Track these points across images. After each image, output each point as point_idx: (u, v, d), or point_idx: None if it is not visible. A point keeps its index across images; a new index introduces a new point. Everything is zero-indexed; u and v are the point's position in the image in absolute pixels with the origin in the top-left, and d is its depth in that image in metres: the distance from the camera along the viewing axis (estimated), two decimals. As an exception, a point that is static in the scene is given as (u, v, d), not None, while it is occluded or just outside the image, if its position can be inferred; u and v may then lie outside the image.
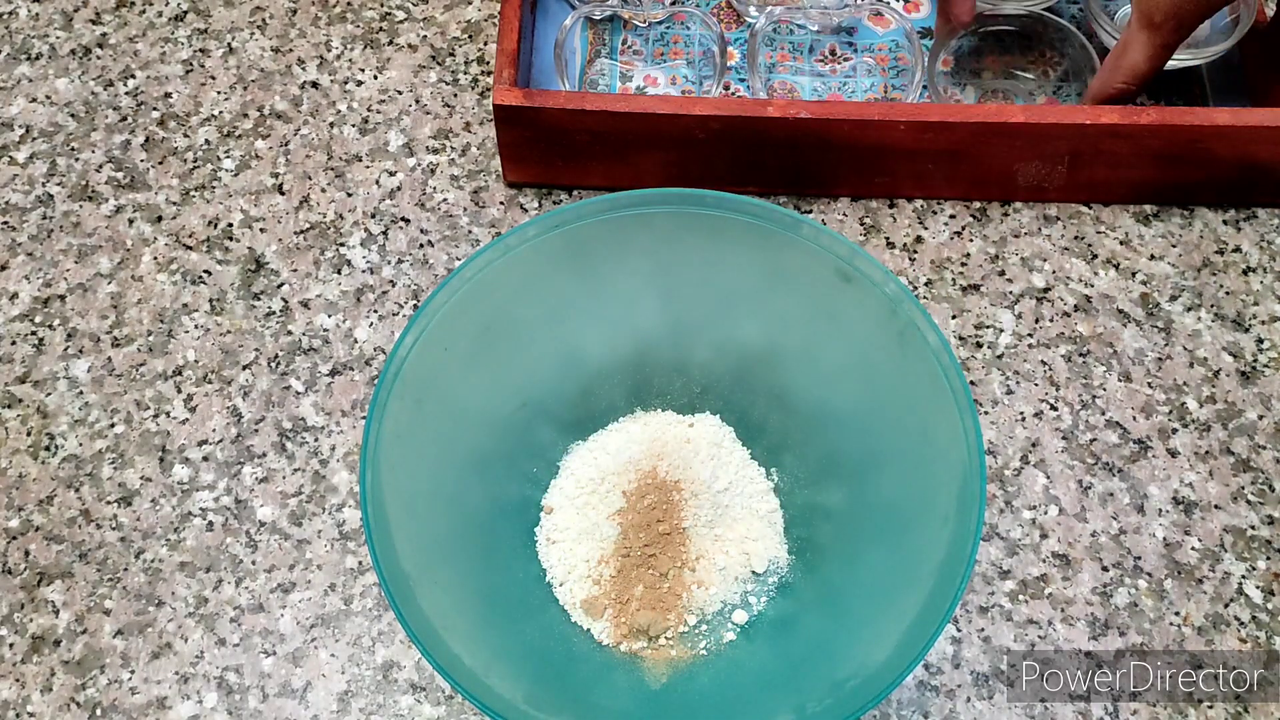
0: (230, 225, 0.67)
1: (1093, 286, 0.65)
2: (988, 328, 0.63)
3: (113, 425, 0.61)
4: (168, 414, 0.61)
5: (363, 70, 0.72)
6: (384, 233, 0.66)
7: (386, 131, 0.70)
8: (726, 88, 0.71)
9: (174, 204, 0.67)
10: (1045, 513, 0.58)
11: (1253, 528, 0.58)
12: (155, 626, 0.56)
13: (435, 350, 0.49)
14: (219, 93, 0.71)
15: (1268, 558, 0.57)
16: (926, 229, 0.66)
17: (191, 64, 0.72)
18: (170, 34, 0.73)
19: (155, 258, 0.66)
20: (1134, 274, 0.65)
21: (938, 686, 0.54)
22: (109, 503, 0.59)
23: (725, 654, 0.52)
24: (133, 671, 0.55)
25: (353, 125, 0.70)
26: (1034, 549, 0.57)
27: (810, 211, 0.67)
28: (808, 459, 0.56)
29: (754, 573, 0.54)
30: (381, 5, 0.75)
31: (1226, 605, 0.56)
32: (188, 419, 0.61)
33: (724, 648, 0.53)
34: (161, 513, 0.59)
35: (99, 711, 0.54)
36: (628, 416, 0.58)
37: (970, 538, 0.44)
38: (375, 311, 0.64)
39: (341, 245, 0.66)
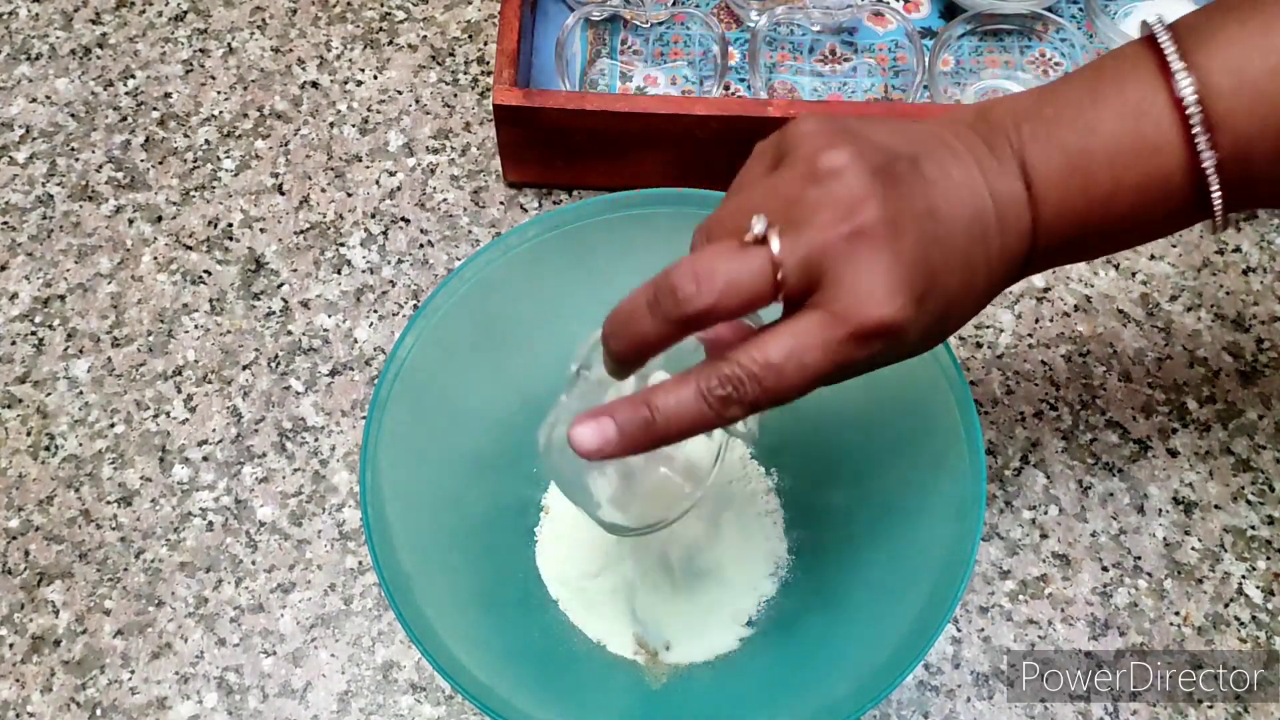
0: (230, 225, 0.67)
1: (1093, 286, 0.65)
2: (988, 328, 0.63)
3: (113, 425, 0.61)
4: (168, 414, 0.61)
5: (363, 70, 0.72)
6: (384, 233, 0.66)
7: (386, 131, 0.70)
8: (727, 88, 0.71)
9: (174, 204, 0.67)
10: (1045, 513, 0.58)
11: (1253, 528, 0.58)
12: (155, 626, 0.56)
13: (435, 350, 0.49)
14: (219, 93, 0.71)
15: (1268, 558, 0.57)
16: (926, 229, 0.66)
17: (191, 64, 0.72)
18: (170, 34, 0.73)
19: (155, 258, 0.66)
20: (1134, 274, 0.65)
21: (938, 686, 0.54)
22: (109, 503, 0.59)
23: (725, 654, 0.52)
24: (133, 671, 0.55)
25: (353, 125, 0.70)
26: (1034, 549, 0.57)
27: (810, 211, 0.67)
28: (808, 459, 0.56)
29: (755, 573, 0.54)
30: (381, 5, 0.75)
31: (1226, 605, 0.56)
32: (188, 419, 0.61)
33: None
34: (161, 513, 0.59)
35: (99, 711, 0.54)
36: (628, 416, 0.58)
37: (970, 538, 0.44)
38: (375, 311, 0.64)
39: (341, 245, 0.66)
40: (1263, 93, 0.36)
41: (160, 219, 0.67)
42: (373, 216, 0.67)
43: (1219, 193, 0.37)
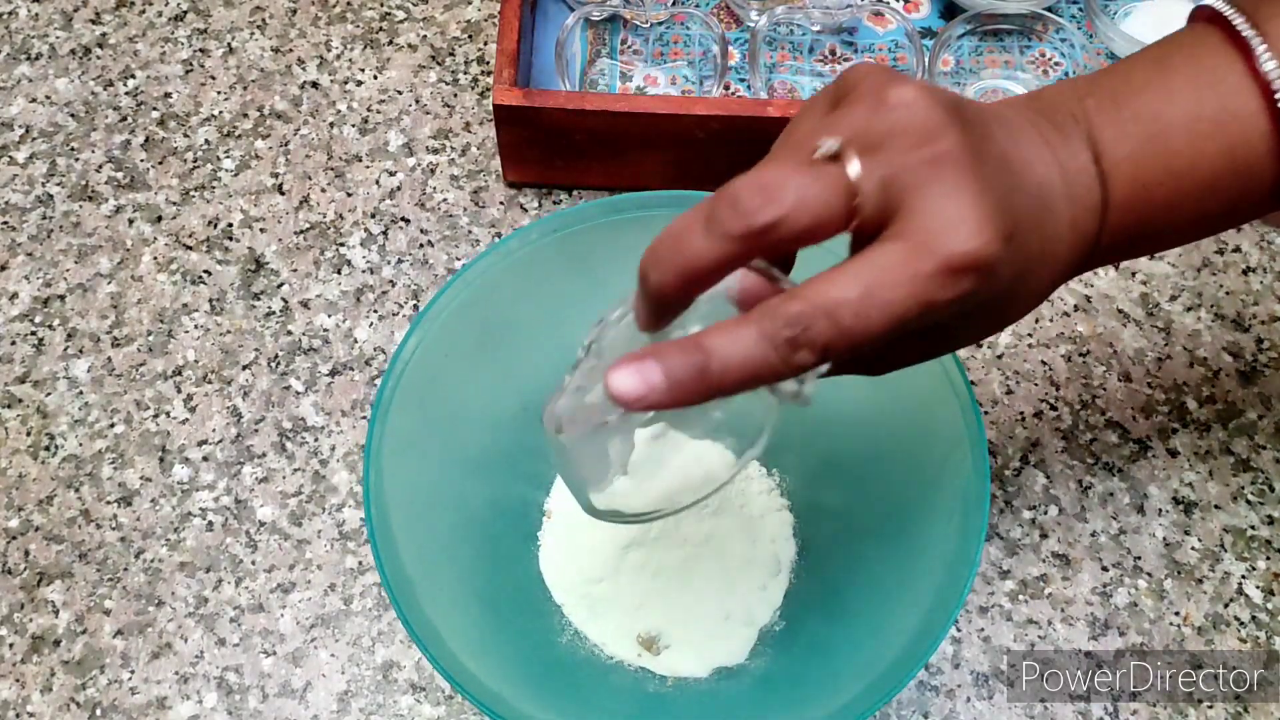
0: (230, 225, 0.67)
1: (1093, 286, 0.65)
2: (988, 328, 0.63)
3: (113, 425, 0.61)
4: (168, 414, 0.61)
5: (363, 70, 0.72)
6: (384, 233, 0.66)
7: (386, 131, 0.70)
8: (727, 88, 0.71)
9: (174, 204, 0.67)
10: (1045, 513, 0.58)
11: (1253, 528, 0.58)
12: (155, 626, 0.56)
13: (437, 354, 0.49)
14: (219, 93, 0.71)
15: (1268, 558, 0.57)
16: (926, 229, 0.66)
17: (191, 64, 0.72)
18: (170, 34, 0.73)
19: (155, 258, 0.66)
20: (1134, 274, 0.65)
21: (938, 686, 0.54)
22: (109, 503, 0.59)
23: (729, 657, 0.52)
24: (133, 671, 0.55)
25: (353, 125, 0.70)
26: (1034, 549, 0.57)
27: (810, 211, 0.67)
28: (808, 459, 0.56)
29: (759, 576, 0.54)
30: (381, 5, 0.74)
31: (1226, 605, 0.56)
32: (188, 419, 0.61)
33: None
34: (161, 513, 0.59)
35: (99, 711, 0.54)
36: (628, 417, 0.58)
37: (975, 538, 0.44)
38: (375, 311, 0.64)
39: (341, 245, 0.66)
40: None
41: (160, 219, 0.67)
42: (373, 216, 0.67)
43: None
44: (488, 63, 0.72)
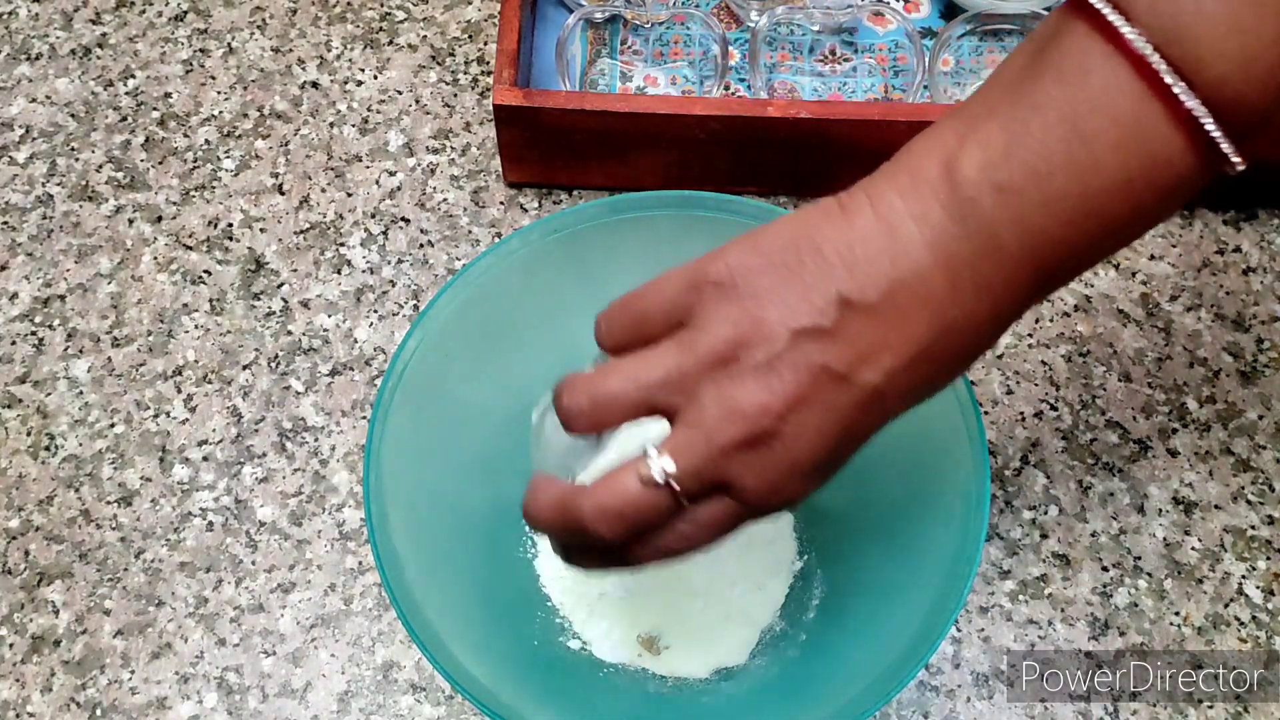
0: (230, 225, 0.67)
1: (1093, 286, 0.65)
2: (988, 328, 0.63)
3: (113, 425, 0.61)
4: (168, 414, 0.61)
5: (363, 70, 0.72)
6: (384, 233, 0.66)
7: (386, 131, 0.70)
8: (727, 88, 0.71)
9: (174, 204, 0.67)
10: (1045, 513, 0.58)
11: (1253, 528, 0.58)
12: (155, 626, 0.56)
13: (437, 354, 0.49)
14: (219, 93, 0.71)
15: (1268, 558, 0.57)
16: (926, 229, 0.66)
17: (191, 64, 0.72)
18: (170, 34, 0.73)
19: (155, 258, 0.66)
20: (1134, 274, 0.65)
21: (938, 686, 0.54)
22: (109, 503, 0.59)
23: (728, 658, 0.52)
24: (133, 671, 0.55)
25: (353, 125, 0.70)
26: (1034, 549, 0.57)
27: (810, 211, 0.67)
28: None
29: (758, 576, 0.54)
30: (381, 5, 0.74)
31: (1226, 605, 0.56)
32: (188, 419, 0.61)
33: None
34: (161, 513, 0.59)
35: (99, 711, 0.54)
36: (628, 418, 0.58)
37: (975, 538, 0.44)
38: (375, 311, 0.64)
39: (341, 245, 0.66)
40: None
41: (160, 219, 0.67)
42: (373, 216, 0.67)
43: (1218, 130, 0.31)
44: (488, 63, 0.72)
